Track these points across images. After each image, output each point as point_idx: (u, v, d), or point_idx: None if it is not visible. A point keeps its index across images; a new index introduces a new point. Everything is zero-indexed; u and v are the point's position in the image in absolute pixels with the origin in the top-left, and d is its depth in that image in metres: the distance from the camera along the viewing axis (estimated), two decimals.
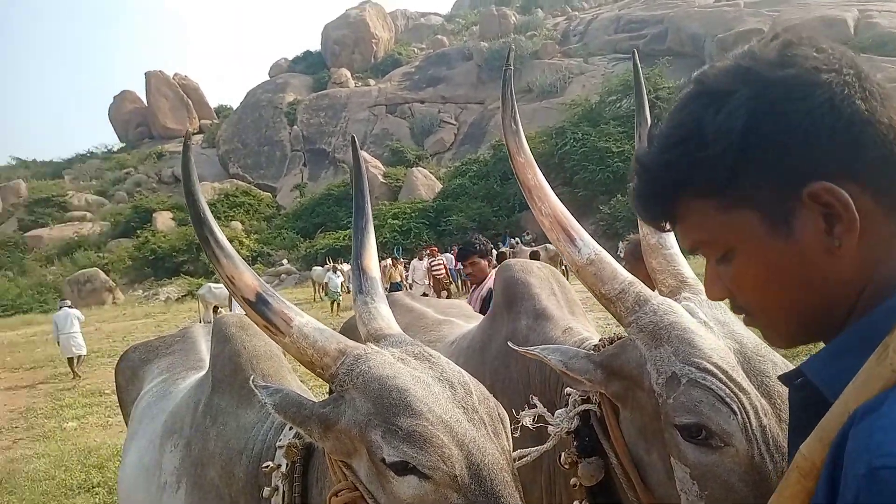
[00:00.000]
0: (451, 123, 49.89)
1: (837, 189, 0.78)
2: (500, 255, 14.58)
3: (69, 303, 15.61)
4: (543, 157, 31.60)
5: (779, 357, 1.47)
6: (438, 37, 63.76)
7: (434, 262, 18.37)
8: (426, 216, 37.24)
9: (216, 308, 18.01)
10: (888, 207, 0.81)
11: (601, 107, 36.88)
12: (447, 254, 21.72)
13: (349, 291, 17.41)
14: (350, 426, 1.41)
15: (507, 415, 1.53)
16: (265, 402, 1.49)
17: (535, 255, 15.78)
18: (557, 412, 1.72)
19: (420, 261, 19.57)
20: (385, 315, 1.74)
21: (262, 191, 50.05)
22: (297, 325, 1.52)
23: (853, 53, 0.85)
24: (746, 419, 1.33)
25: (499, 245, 25.36)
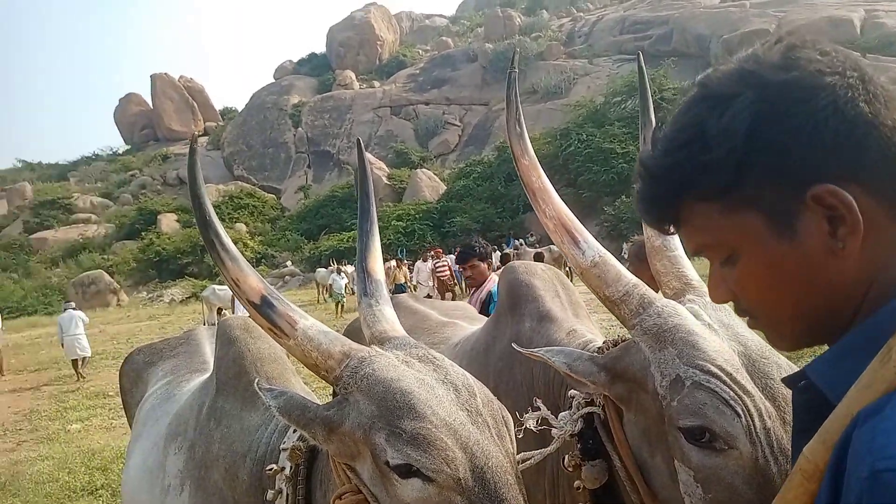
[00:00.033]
0: (456, 125, 49.89)
1: (841, 191, 0.78)
2: (505, 257, 14.63)
3: (73, 305, 15.62)
4: (548, 158, 31.60)
5: (783, 359, 1.46)
6: (443, 38, 63.73)
7: (438, 264, 18.34)
8: (430, 218, 37.25)
9: (220, 310, 18.01)
10: (892, 209, 0.81)
11: (606, 108, 36.79)
12: (451, 255, 21.69)
13: (353, 293, 17.43)
14: (354, 429, 1.41)
15: (511, 417, 1.53)
16: (269, 405, 1.49)
17: (539, 257, 15.80)
18: (561, 415, 1.72)
19: (424, 262, 19.58)
20: (389, 318, 1.74)
21: (267, 192, 50.14)
22: (302, 328, 1.52)
23: (857, 56, 0.85)
24: (750, 422, 1.33)
25: (503, 246, 25.37)
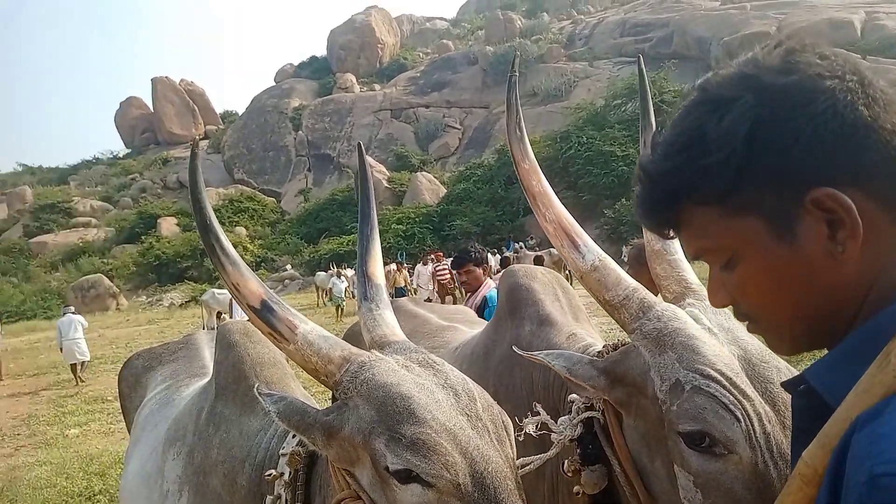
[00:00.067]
0: (456, 128, 49.93)
1: (840, 195, 0.78)
2: (505, 260, 14.64)
3: (73, 309, 15.65)
4: (548, 161, 31.60)
5: (783, 363, 1.46)
6: (444, 41, 63.72)
7: (439, 268, 18.29)
8: (430, 221, 37.26)
9: (219, 314, 18.00)
10: (891, 212, 0.81)
11: (606, 110, 36.76)
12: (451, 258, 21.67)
13: (353, 297, 17.43)
14: (353, 434, 1.41)
15: (511, 422, 1.53)
16: (269, 410, 1.48)
17: (539, 260, 15.80)
18: (561, 419, 1.71)
19: (425, 266, 19.55)
20: (389, 322, 1.73)
21: (267, 196, 50.21)
22: (302, 333, 1.51)
23: (857, 59, 0.85)
24: (750, 426, 1.32)
25: (503, 250, 25.36)
